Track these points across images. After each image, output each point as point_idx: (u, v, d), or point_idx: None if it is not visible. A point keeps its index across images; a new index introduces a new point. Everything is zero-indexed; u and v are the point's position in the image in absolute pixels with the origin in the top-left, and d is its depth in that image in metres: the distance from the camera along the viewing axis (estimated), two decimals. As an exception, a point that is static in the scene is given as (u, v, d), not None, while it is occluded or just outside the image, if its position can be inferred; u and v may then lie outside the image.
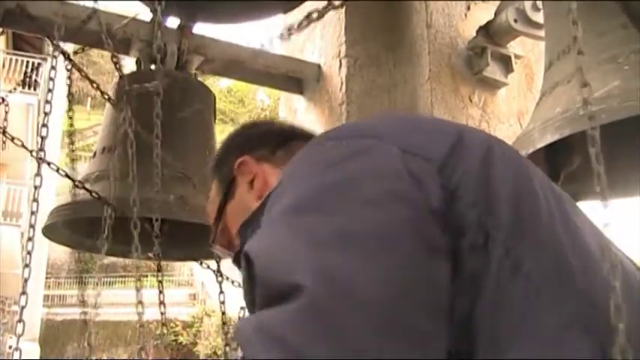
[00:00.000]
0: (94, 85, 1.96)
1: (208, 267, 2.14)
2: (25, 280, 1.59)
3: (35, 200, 1.62)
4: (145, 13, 2.19)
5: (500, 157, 0.77)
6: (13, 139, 1.80)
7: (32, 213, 1.61)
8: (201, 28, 2.31)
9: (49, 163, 1.66)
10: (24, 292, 1.57)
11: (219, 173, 1.13)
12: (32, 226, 1.60)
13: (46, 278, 17.95)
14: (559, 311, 0.66)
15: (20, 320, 1.58)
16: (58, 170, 1.79)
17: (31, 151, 1.76)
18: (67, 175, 1.82)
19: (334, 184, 0.71)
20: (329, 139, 0.82)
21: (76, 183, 1.83)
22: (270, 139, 1.09)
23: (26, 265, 1.58)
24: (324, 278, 0.61)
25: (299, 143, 0.98)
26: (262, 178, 1.04)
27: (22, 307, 1.57)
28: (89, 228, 1.99)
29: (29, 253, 1.57)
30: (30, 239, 1.59)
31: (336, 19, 2.45)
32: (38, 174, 1.61)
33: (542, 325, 0.65)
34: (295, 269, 0.63)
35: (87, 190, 1.80)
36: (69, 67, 1.95)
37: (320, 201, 0.70)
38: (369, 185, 0.70)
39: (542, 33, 2.08)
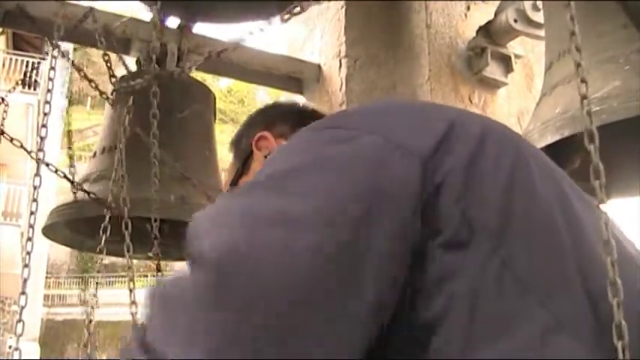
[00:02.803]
0: (93, 84, 1.96)
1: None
2: (25, 280, 1.58)
3: (35, 200, 1.62)
4: (145, 13, 2.20)
5: (494, 147, 0.74)
6: (12, 140, 1.79)
7: (31, 213, 1.61)
8: (201, 28, 2.31)
9: (47, 164, 1.66)
10: (23, 292, 1.57)
11: (237, 148, 1.14)
12: (31, 226, 1.60)
13: (46, 278, 17.96)
14: (547, 312, 0.63)
15: (20, 320, 1.57)
16: (56, 171, 1.79)
17: (29, 152, 1.76)
18: (65, 176, 1.82)
19: (298, 167, 0.70)
20: (318, 125, 0.80)
21: (75, 184, 1.83)
22: (291, 117, 1.10)
23: (25, 266, 1.58)
24: (228, 252, 0.60)
25: None
26: None
27: (22, 307, 1.57)
28: (89, 228, 1.99)
29: (28, 253, 1.57)
30: (29, 239, 1.58)
31: (336, 19, 2.45)
32: (37, 174, 1.61)
33: (526, 325, 0.62)
34: (206, 239, 0.64)
35: (85, 191, 1.80)
36: (68, 66, 1.95)
37: (274, 183, 0.69)
38: (328, 172, 0.68)
39: (542, 33, 2.08)
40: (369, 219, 0.64)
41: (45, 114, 1.63)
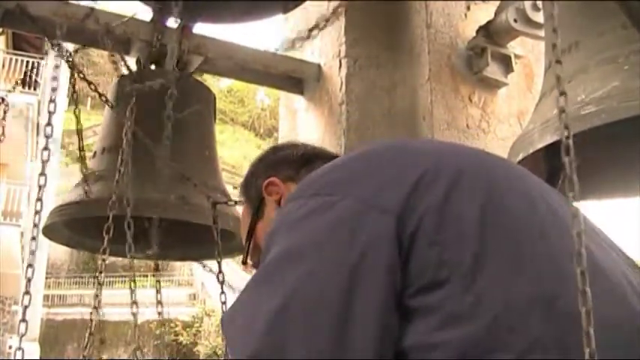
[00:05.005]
0: (92, 86, 1.96)
1: (207, 267, 2.14)
2: (29, 280, 1.58)
3: (39, 199, 1.62)
4: (144, 13, 2.20)
5: (466, 185, 0.80)
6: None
7: (36, 212, 1.60)
8: (201, 28, 2.31)
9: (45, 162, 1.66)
10: (27, 292, 1.57)
11: (247, 194, 1.20)
12: (36, 225, 1.60)
13: (46, 278, 17.95)
14: (518, 337, 0.68)
15: (23, 320, 1.57)
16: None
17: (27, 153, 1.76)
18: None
19: (285, 252, 0.79)
20: (300, 195, 0.88)
21: (78, 182, 1.82)
22: (294, 160, 1.16)
23: (29, 265, 1.58)
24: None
25: (321, 163, 1.02)
26: None
27: (25, 307, 1.57)
28: (89, 228, 1.99)
29: (32, 252, 1.57)
30: (34, 238, 1.58)
31: (336, 19, 2.45)
32: (42, 173, 1.61)
33: (500, 352, 0.68)
34: (234, 349, 0.77)
35: (85, 191, 1.80)
36: (70, 66, 1.95)
37: (270, 275, 0.80)
38: (313, 254, 0.77)
39: (542, 33, 2.08)
40: (354, 293, 0.71)
41: (50, 113, 1.63)
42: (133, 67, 2.21)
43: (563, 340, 0.69)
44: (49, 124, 1.63)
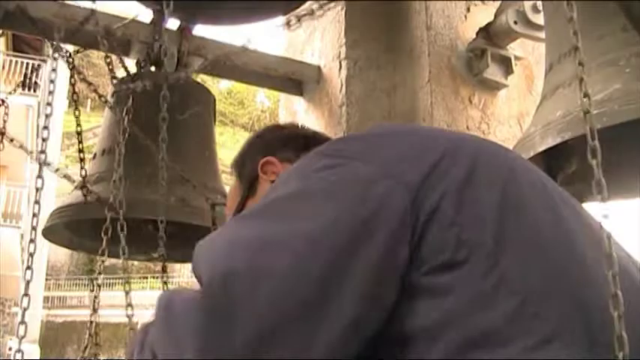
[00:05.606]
0: (92, 87, 1.96)
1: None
2: (27, 282, 1.58)
3: (37, 202, 1.62)
4: (144, 15, 2.20)
5: (487, 169, 0.78)
6: (12, 140, 1.79)
7: (34, 215, 1.60)
8: (201, 30, 2.31)
9: (48, 165, 1.66)
10: (26, 294, 1.57)
11: (241, 171, 1.16)
12: (34, 228, 1.60)
13: (46, 280, 17.95)
14: (541, 323, 0.67)
15: (22, 322, 1.57)
16: (57, 171, 1.79)
17: (30, 153, 1.76)
18: (65, 176, 1.82)
19: (288, 195, 0.76)
20: (316, 153, 0.85)
21: (76, 184, 1.83)
22: (294, 142, 1.13)
23: (28, 267, 1.58)
24: (221, 277, 0.66)
25: None
26: None
27: (25, 309, 1.56)
28: (89, 229, 1.99)
29: (31, 254, 1.57)
30: (32, 241, 1.58)
31: (336, 20, 2.45)
32: (39, 176, 1.60)
33: (522, 336, 0.66)
34: (204, 264, 0.72)
35: (89, 190, 1.79)
36: (70, 67, 1.95)
37: (268, 208, 0.76)
38: (317, 199, 0.74)
39: (542, 35, 2.08)
40: (352, 246, 0.68)
41: (46, 115, 1.63)
42: (133, 69, 2.21)
43: (589, 329, 0.68)
44: (45, 127, 1.63)
